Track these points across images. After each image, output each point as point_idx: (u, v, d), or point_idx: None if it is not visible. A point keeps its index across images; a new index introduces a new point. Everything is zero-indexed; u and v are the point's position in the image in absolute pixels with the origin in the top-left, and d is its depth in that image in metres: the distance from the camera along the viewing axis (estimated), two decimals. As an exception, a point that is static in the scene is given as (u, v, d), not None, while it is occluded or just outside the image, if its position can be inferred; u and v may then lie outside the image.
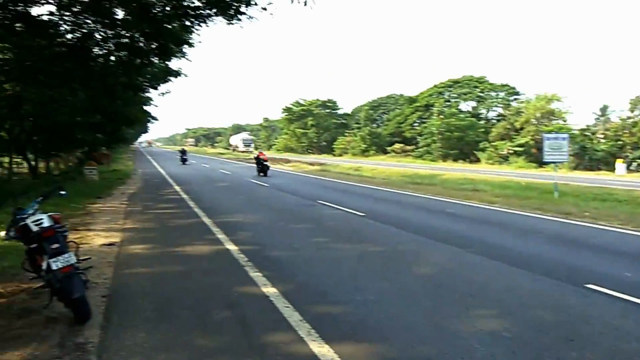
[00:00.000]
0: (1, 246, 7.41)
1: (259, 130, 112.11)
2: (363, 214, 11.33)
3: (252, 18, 10.20)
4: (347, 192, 16.96)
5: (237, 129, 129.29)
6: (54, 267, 4.20)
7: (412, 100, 67.62)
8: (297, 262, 6.84)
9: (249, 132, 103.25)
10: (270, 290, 5.46)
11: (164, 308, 4.94)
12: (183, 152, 43.44)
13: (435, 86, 64.78)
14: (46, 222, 4.57)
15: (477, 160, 49.36)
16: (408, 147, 62.35)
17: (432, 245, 8.00)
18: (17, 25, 11.49)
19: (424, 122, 61.66)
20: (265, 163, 25.08)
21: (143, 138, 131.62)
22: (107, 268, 6.48)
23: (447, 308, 4.88)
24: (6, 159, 28.02)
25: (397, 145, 63.18)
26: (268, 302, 5.06)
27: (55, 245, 4.33)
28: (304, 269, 6.46)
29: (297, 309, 4.85)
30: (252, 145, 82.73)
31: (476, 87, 60.46)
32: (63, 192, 5.58)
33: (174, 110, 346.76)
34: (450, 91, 63.30)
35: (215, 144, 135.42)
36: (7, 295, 5.26)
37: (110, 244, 8.09)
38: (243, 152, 75.80)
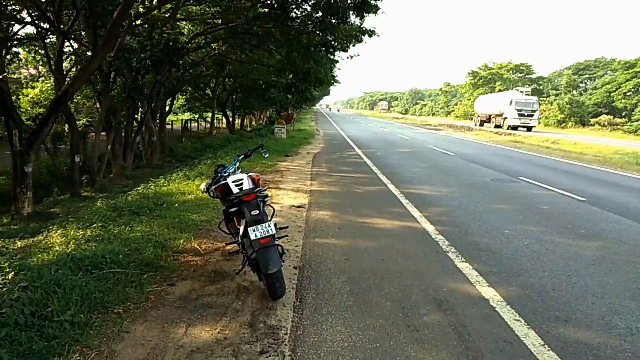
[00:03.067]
0: (199, 198, 7.72)
1: (437, 95, 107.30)
2: (583, 199, 9.19)
3: None
4: (553, 169, 14.37)
5: (415, 93, 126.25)
6: (252, 236, 3.75)
7: (629, 65, 55.95)
8: (514, 255, 5.51)
9: (524, 91, 44.05)
10: (488, 292, 4.34)
11: (362, 293, 4.25)
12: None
13: (661, 47, 52.26)
14: (246, 184, 4.19)
15: None
16: (618, 120, 52.32)
17: None
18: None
19: (643, 92, 50.78)
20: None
21: (324, 101, 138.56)
22: (297, 234, 6.14)
23: None
24: (209, 115, 31.96)
25: (603, 117, 53.42)
26: (489, 310, 3.97)
27: (255, 212, 3.87)
28: (527, 266, 5.11)
29: (531, 326, 3.68)
30: (537, 114, 40.99)
31: None
32: (264, 152, 5.29)
33: (352, 74, 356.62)
34: (683, 53, 50.60)
35: (392, 109, 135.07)
36: (202, 252, 5.20)
37: (299, 206, 7.88)
38: (514, 127, 38.18)
